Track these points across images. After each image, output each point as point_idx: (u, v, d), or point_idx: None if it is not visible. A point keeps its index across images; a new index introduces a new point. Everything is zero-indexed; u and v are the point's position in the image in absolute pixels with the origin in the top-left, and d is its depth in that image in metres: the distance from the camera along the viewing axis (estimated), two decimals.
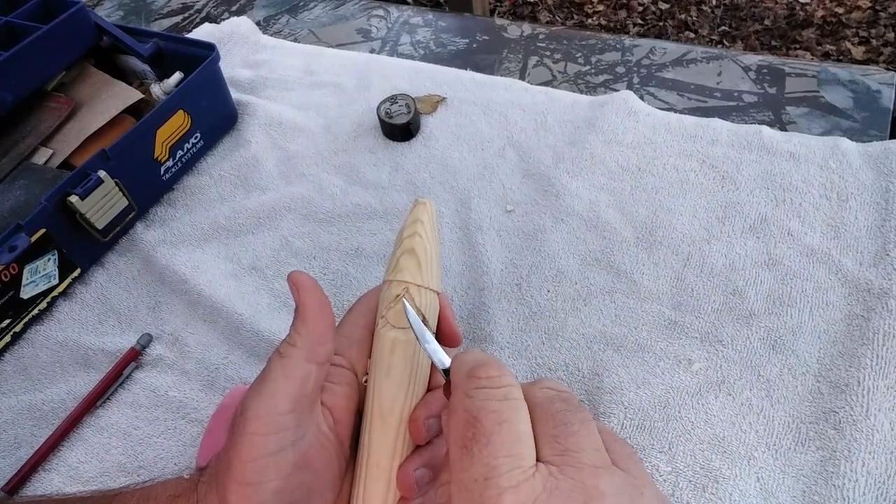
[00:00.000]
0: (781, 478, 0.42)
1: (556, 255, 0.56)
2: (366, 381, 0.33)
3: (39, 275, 0.55)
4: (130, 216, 0.61)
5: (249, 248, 0.60)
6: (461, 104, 0.70)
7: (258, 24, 0.87)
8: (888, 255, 0.51)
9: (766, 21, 2.04)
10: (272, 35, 0.85)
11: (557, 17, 2.18)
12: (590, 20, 2.16)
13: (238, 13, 0.91)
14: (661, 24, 2.10)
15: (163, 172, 0.64)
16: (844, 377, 0.45)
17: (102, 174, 0.56)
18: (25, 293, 0.54)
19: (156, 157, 0.62)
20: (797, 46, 1.96)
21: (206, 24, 0.85)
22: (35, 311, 0.56)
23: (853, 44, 1.93)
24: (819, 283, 0.51)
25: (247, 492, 0.28)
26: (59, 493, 0.46)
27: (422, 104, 0.70)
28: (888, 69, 0.69)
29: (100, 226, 0.57)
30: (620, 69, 0.74)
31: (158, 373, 0.52)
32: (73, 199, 0.54)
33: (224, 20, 0.86)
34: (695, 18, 2.10)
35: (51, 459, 0.48)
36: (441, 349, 0.31)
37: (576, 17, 2.18)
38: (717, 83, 0.70)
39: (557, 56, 0.76)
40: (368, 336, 0.34)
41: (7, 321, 0.54)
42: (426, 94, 0.71)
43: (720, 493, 0.41)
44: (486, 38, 0.80)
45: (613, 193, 0.60)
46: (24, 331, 0.56)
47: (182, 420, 0.49)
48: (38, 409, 0.51)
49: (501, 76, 0.74)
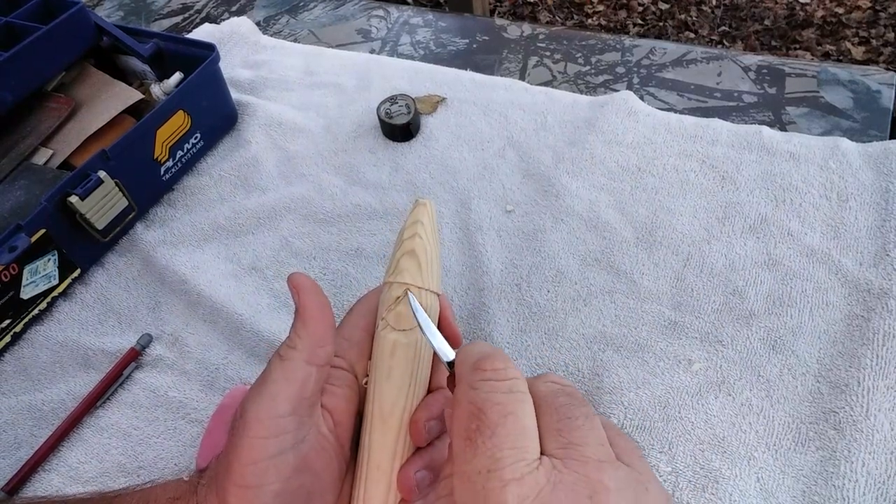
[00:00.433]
0: (781, 478, 0.42)
1: (556, 256, 0.56)
2: (366, 383, 0.33)
3: (39, 275, 0.55)
4: (130, 216, 0.61)
5: (249, 249, 0.60)
6: (461, 104, 0.70)
7: (258, 25, 0.87)
8: (888, 255, 0.51)
9: (766, 21, 2.04)
10: (272, 35, 0.85)
11: (557, 18, 2.18)
12: (590, 20, 2.15)
13: (238, 13, 0.91)
14: (661, 25, 2.10)
15: (163, 173, 0.64)
16: (844, 377, 0.45)
17: (102, 174, 0.56)
18: (25, 293, 0.54)
19: (156, 158, 0.62)
20: (797, 46, 1.95)
21: (206, 25, 0.85)
22: (35, 312, 0.56)
23: (853, 44, 1.93)
24: (819, 284, 0.51)
25: (247, 495, 0.28)
26: (59, 494, 0.46)
27: (422, 104, 0.70)
28: (888, 69, 0.69)
29: (100, 226, 0.57)
30: (620, 69, 0.74)
31: (158, 373, 0.52)
32: (73, 200, 0.54)
33: (224, 20, 0.86)
34: (695, 18, 2.10)
35: (51, 460, 0.48)
36: (444, 341, 0.31)
37: (576, 18, 2.18)
38: (717, 83, 0.70)
39: (557, 56, 0.76)
40: (368, 338, 0.34)
41: (7, 321, 0.54)
42: (426, 95, 0.71)
43: (720, 493, 0.41)
44: (486, 39, 0.80)
45: (613, 193, 0.60)
46: (24, 331, 0.56)
47: (182, 420, 0.49)
48: (38, 410, 0.51)
49: (501, 76, 0.74)
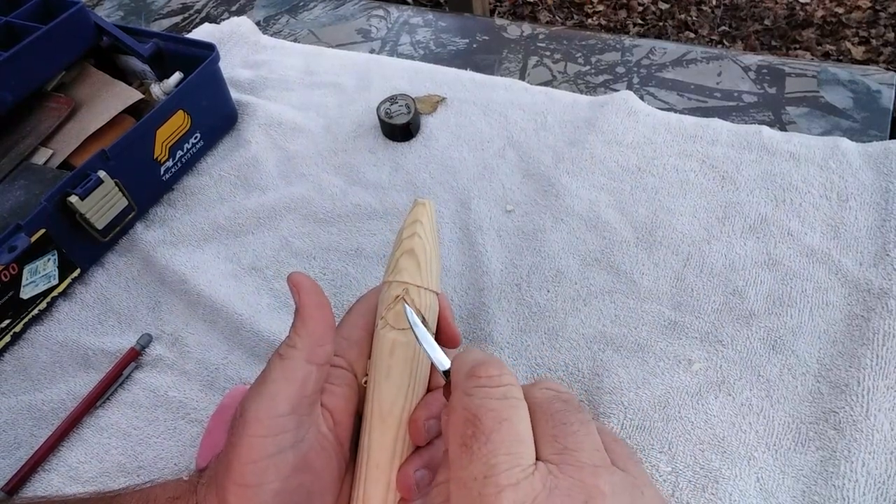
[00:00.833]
0: (781, 478, 0.42)
1: (556, 256, 0.56)
2: (365, 383, 0.33)
3: (39, 275, 0.55)
4: (130, 216, 0.61)
5: (249, 248, 0.60)
6: (461, 104, 0.70)
7: (258, 25, 0.87)
8: (888, 255, 0.51)
9: (766, 21, 2.04)
10: (272, 35, 0.85)
11: (557, 17, 2.18)
12: (590, 20, 2.16)
13: (238, 13, 0.91)
14: (661, 24, 2.10)
15: (163, 172, 0.64)
16: (844, 377, 0.45)
17: (102, 174, 0.56)
18: (25, 293, 0.54)
19: (156, 158, 0.62)
20: (797, 46, 1.95)
21: (206, 24, 0.85)
22: (35, 312, 0.56)
23: (853, 44, 1.93)
24: (819, 283, 0.51)
25: (246, 493, 0.28)
26: (59, 494, 0.46)
27: (422, 104, 0.70)
28: (888, 69, 0.69)
29: (100, 226, 0.57)
30: (620, 69, 0.74)
31: (158, 373, 0.52)
32: (73, 200, 0.54)
33: (224, 20, 0.86)
34: (695, 18, 2.10)
35: (51, 460, 0.48)
36: (441, 350, 0.31)
37: (576, 17, 2.18)
38: (717, 83, 0.70)
39: (557, 56, 0.76)
40: (368, 337, 0.34)
41: (7, 321, 0.54)
42: (426, 94, 0.71)
43: (720, 493, 0.41)
44: (486, 38, 0.80)
45: (613, 193, 0.60)
46: (24, 331, 0.56)
47: (182, 420, 0.49)
48: (38, 409, 0.51)
49: (501, 76, 0.74)
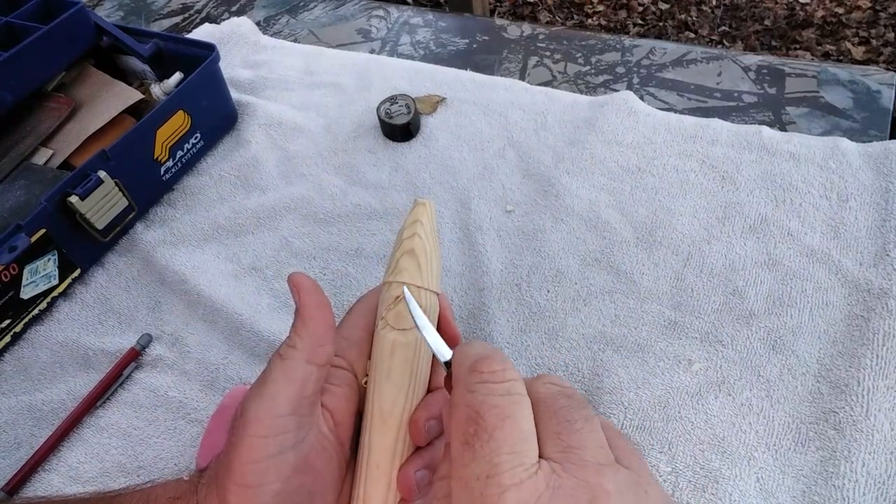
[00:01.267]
0: (781, 478, 0.42)
1: (556, 256, 0.56)
2: (365, 383, 0.33)
3: (39, 275, 0.55)
4: (130, 216, 0.61)
5: (249, 249, 0.60)
6: (461, 104, 0.70)
7: (258, 25, 0.87)
8: (888, 255, 0.51)
9: (766, 21, 2.04)
10: (272, 35, 0.85)
11: (557, 18, 2.18)
12: (590, 20, 2.15)
13: (238, 13, 0.91)
14: (661, 25, 2.10)
15: (163, 173, 0.64)
16: (844, 377, 0.45)
17: (102, 174, 0.56)
18: (25, 293, 0.54)
19: (156, 158, 0.62)
20: (797, 46, 1.95)
21: (206, 25, 0.85)
22: (35, 312, 0.56)
23: (853, 44, 1.93)
24: (819, 283, 0.51)
25: (247, 494, 0.28)
26: (59, 494, 0.46)
27: (422, 104, 0.70)
28: (888, 69, 0.69)
29: (100, 226, 0.57)
30: (620, 69, 0.74)
31: (158, 373, 0.52)
32: (73, 200, 0.54)
33: (224, 20, 0.86)
34: (695, 18, 2.10)
35: (51, 460, 0.48)
36: (442, 341, 0.31)
37: (576, 18, 2.18)
38: (717, 83, 0.70)
39: (557, 56, 0.76)
40: (368, 337, 0.34)
41: (7, 321, 0.54)
42: (426, 95, 0.71)
43: (720, 494, 0.41)
44: (486, 39, 0.80)
45: (613, 193, 0.60)
46: (24, 331, 0.56)
47: (182, 420, 0.49)
48: (38, 410, 0.51)
49: (501, 76, 0.74)
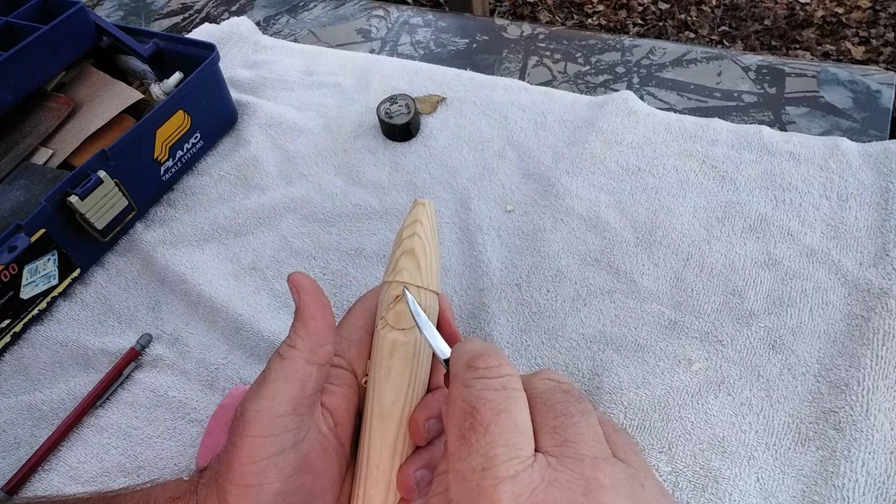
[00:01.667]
0: (781, 478, 0.42)
1: (556, 255, 0.56)
2: (365, 383, 0.33)
3: (39, 275, 0.55)
4: (130, 216, 0.61)
5: (249, 248, 0.60)
6: (461, 104, 0.70)
7: (258, 24, 0.87)
8: (888, 255, 0.51)
9: (766, 21, 2.04)
10: (272, 35, 0.85)
11: (557, 17, 2.18)
12: (590, 20, 2.16)
13: (238, 13, 0.91)
14: (661, 24, 2.10)
15: (163, 172, 0.64)
16: (844, 377, 0.45)
17: (102, 174, 0.56)
18: (25, 293, 0.54)
19: (156, 158, 0.62)
20: (797, 46, 1.95)
21: (206, 24, 0.85)
22: (35, 312, 0.56)
23: (853, 44, 1.93)
24: (819, 283, 0.51)
25: (247, 494, 0.28)
26: (59, 494, 0.46)
27: (422, 104, 0.70)
28: (888, 69, 0.69)
29: (100, 226, 0.57)
30: (620, 69, 0.74)
31: (158, 373, 0.52)
32: (73, 200, 0.54)
33: (224, 20, 0.86)
34: (695, 18, 2.10)
35: (51, 459, 0.48)
36: (441, 339, 0.31)
37: (576, 17, 2.18)
38: (717, 83, 0.70)
39: (557, 56, 0.76)
40: (368, 337, 0.34)
41: (7, 321, 0.54)
42: (426, 94, 0.71)
43: (720, 493, 0.41)
44: (486, 38, 0.80)
45: (613, 193, 0.60)
46: (24, 331, 0.56)
47: (182, 420, 0.49)
48: (38, 409, 0.51)
49: (501, 76, 0.74)
